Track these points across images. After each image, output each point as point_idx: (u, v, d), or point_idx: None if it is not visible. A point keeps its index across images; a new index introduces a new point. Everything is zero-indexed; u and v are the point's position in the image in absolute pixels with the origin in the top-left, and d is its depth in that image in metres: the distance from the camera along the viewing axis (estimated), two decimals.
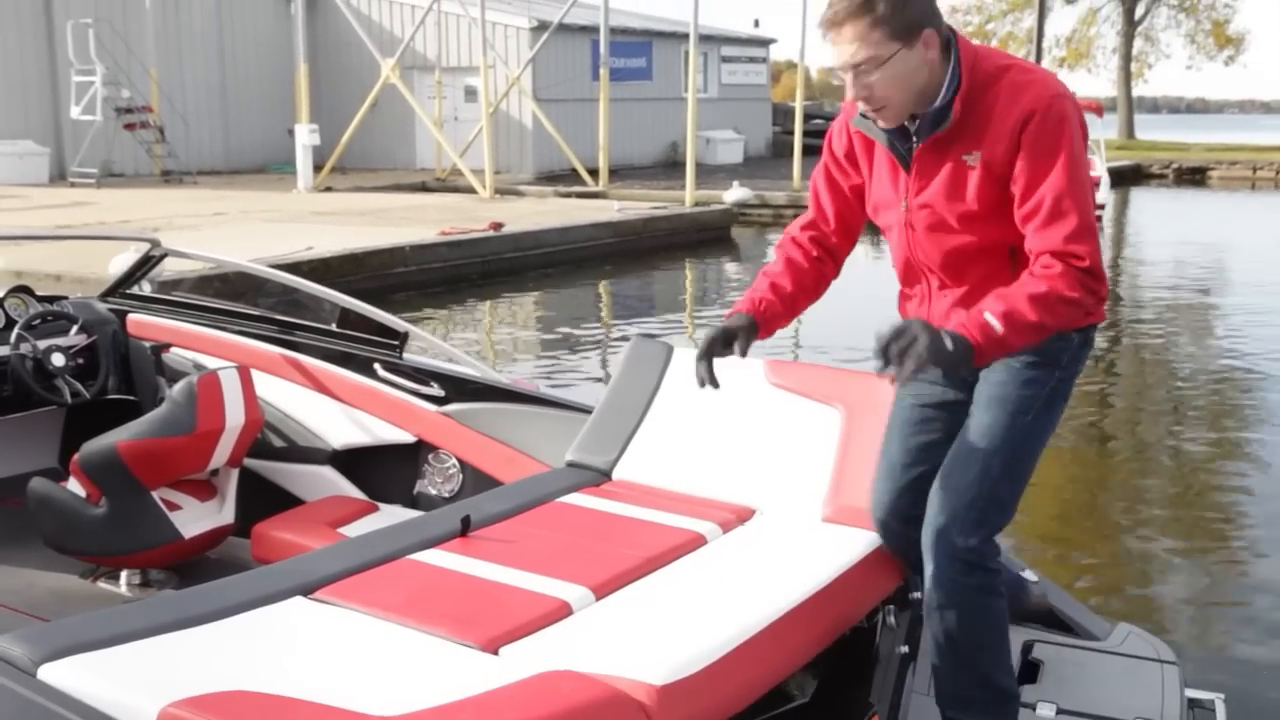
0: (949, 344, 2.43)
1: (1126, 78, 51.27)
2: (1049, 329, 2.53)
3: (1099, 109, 25.25)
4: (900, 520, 2.90)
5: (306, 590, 2.68)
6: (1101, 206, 22.41)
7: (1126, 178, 32.33)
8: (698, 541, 3.01)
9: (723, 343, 2.83)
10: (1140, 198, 30.45)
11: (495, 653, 2.45)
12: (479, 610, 2.60)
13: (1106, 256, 19.76)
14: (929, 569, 2.72)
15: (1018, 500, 2.74)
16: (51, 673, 2.23)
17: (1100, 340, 12.42)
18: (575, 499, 3.35)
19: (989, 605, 2.75)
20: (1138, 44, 53.08)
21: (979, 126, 2.54)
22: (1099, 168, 23.30)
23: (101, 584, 4.40)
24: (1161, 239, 21.46)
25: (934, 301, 2.79)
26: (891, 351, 2.41)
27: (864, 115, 2.67)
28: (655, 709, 2.25)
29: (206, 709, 2.06)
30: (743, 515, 3.19)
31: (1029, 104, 2.49)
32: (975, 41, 2.71)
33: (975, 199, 2.59)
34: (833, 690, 2.79)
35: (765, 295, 2.91)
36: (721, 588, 2.79)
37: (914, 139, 2.63)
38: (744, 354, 2.86)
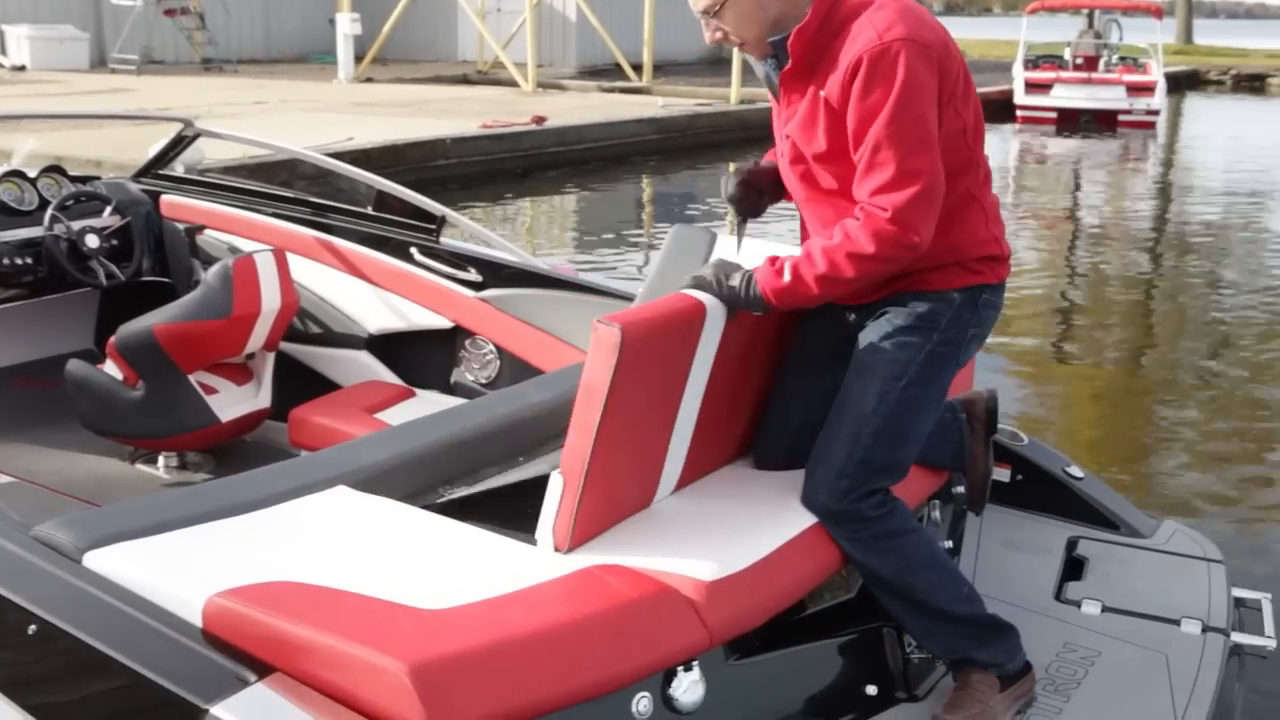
0: (744, 291, 2.48)
1: None
2: (845, 281, 2.44)
3: (1159, 11, 24.69)
4: (783, 457, 2.77)
5: (351, 479, 2.64)
6: (1156, 111, 22.08)
7: (1182, 83, 31.62)
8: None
9: (758, 192, 2.82)
10: (1196, 104, 29.77)
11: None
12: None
13: (1157, 160, 19.35)
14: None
15: (905, 462, 2.61)
16: (97, 560, 2.21)
17: (1143, 234, 12.21)
18: None
19: (900, 545, 2.59)
20: None
21: (828, 67, 2.47)
22: (1155, 72, 22.89)
23: (139, 466, 4.41)
24: (1216, 145, 20.95)
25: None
26: (706, 285, 2.49)
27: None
28: (703, 604, 2.21)
29: (253, 599, 2.03)
30: None
31: (859, 49, 2.39)
32: None
33: (823, 138, 2.50)
34: None
35: None
36: (773, 486, 2.74)
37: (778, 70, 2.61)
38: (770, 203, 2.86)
